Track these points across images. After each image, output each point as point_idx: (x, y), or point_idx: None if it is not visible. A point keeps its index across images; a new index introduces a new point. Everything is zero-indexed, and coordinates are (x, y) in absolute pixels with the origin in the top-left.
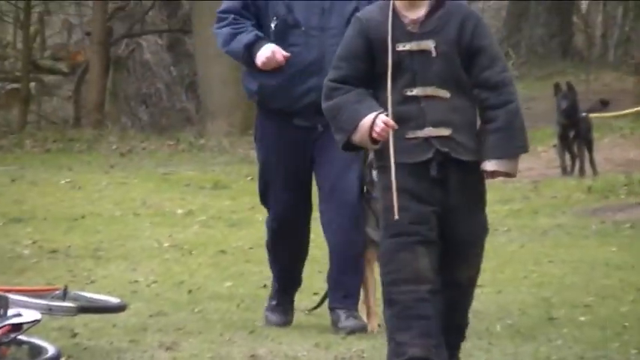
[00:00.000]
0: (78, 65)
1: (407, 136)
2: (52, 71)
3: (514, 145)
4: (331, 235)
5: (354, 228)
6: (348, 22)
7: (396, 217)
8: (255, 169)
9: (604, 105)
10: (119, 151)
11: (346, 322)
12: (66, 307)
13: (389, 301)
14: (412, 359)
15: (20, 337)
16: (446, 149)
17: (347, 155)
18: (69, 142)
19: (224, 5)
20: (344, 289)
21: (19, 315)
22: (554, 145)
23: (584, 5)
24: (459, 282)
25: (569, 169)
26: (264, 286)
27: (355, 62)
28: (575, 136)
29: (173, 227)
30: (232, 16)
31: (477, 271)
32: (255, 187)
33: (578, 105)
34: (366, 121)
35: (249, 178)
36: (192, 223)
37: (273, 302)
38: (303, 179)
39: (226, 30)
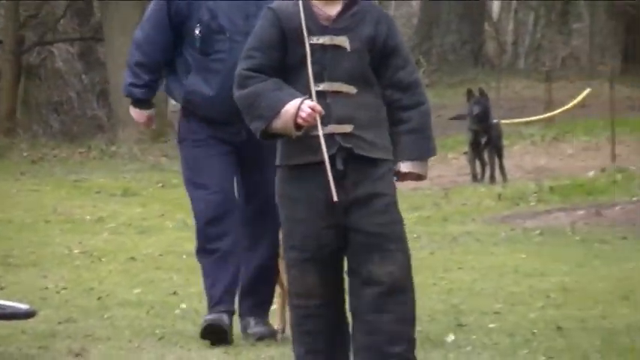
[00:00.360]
0: None
1: (312, 133)
2: None
3: (428, 147)
4: (252, 247)
5: (270, 241)
6: None
7: (335, 199)
8: (165, 176)
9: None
10: (30, 159)
11: (255, 328)
12: None
13: (290, 312)
14: None
15: None
16: (349, 145)
17: (269, 168)
18: None
19: (150, 9)
20: (255, 298)
21: None
22: (465, 152)
23: (495, 12)
24: (379, 280)
25: (479, 176)
26: (174, 293)
27: (269, 52)
28: (486, 142)
29: (83, 234)
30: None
31: (399, 267)
32: (165, 193)
33: (490, 111)
34: (291, 106)
35: (159, 185)
36: (102, 230)
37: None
38: (228, 178)
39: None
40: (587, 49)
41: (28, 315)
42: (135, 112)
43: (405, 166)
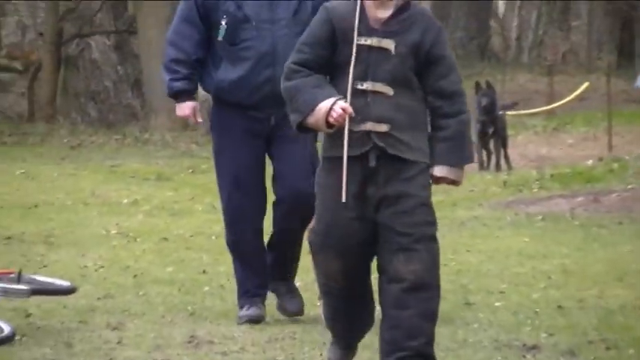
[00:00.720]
0: (31, 63)
1: (354, 129)
2: (7, 69)
3: (463, 155)
4: (281, 230)
5: (305, 224)
6: (295, 12)
7: (344, 199)
8: (195, 162)
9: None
10: (70, 145)
11: (289, 304)
12: (20, 289)
13: (321, 292)
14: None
15: None
16: (382, 144)
17: (302, 149)
18: (23, 136)
19: (180, 9)
20: (283, 269)
21: None
22: (473, 142)
23: (501, 10)
24: (404, 277)
25: (485, 164)
26: (204, 271)
27: (318, 48)
28: (492, 132)
29: (119, 216)
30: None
31: (424, 268)
32: (195, 178)
33: (497, 102)
34: (324, 105)
35: (190, 170)
36: (137, 212)
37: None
38: (258, 173)
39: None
40: (585, 45)
41: (68, 291)
42: (179, 108)
43: (438, 171)
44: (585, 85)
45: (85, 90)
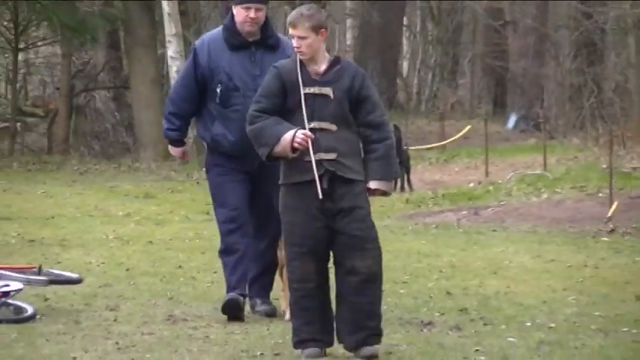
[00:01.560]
0: (50, 111)
1: (305, 159)
2: (32, 115)
3: (391, 170)
4: (258, 248)
5: (271, 243)
6: None
7: (320, 196)
8: (173, 184)
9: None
10: (79, 171)
11: (261, 306)
12: (40, 280)
13: (290, 294)
14: (301, 341)
15: (8, 300)
16: (332, 169)
17: (277, 190)
18: (43, 164)
19: (181, 72)
20: (260, 284)
21: (7, 285)
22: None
23: (404, 71)
24: (360, 271)
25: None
26: (180, 266)
27: (272, 98)
28: (399, 163)
29: (116, 225)
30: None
31: (374, 262)
32: (173, 196)
33: (402, 140)
34: (288, 134)
35: (170, 190)
36: (129, 222)
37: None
38: (244, 198)
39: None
40: (469, 97)
41: (77, 281)
42: (172, 150)
43: (373, 184)
44: (468, 127)
45: (91, 131)
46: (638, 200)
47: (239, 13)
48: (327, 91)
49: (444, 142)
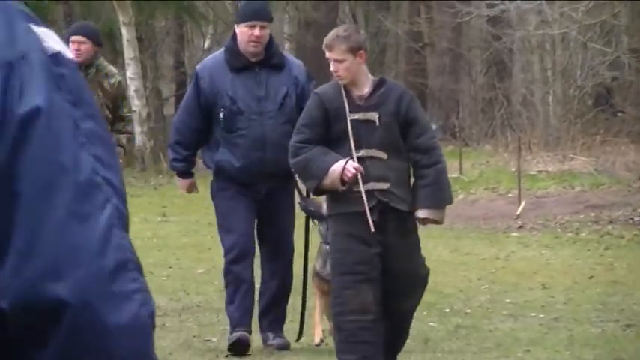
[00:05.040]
0: None
1: (354, 189)
2: None
3: (442, 198)
4: (269, 278)
5: (282, 272)
6: (280, 105)
7: (372, 229)
8: (133, 190)
9: None
10: None
11: (274, 340)
12: None
13: (338, 328)
14: None
15: None
16: (385, 200)
17: (286, 217)
18: None
19: (184, 99)
20: (272, 316)
21: None
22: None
23: None
24: (403, 310)
25: None
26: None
27: (316, 128)
28: None
29: None
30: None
31: (418, 301)
32: (133, 200)
33: None
34: (337, 166)
35: (130, 195)
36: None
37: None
38: (250, 224)
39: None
40: None
41: None
42: (179, 182)
43: (422, 213)
44: None
45: None
46: (544, 200)
47: (242, 32)
48: (373, 116)
49: None
